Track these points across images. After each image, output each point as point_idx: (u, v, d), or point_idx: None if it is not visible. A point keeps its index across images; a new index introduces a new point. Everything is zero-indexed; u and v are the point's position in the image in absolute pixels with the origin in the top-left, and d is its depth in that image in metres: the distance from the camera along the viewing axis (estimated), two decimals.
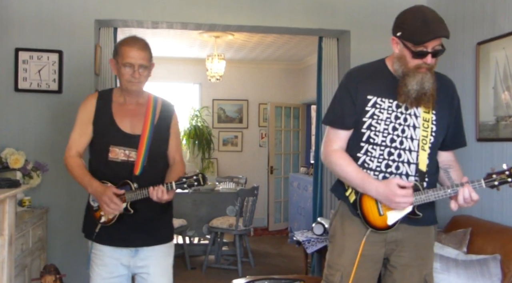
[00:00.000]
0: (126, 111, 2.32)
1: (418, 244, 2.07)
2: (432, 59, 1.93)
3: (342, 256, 2.07)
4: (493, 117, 3.36)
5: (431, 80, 1.95)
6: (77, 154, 2.33)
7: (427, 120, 2.01)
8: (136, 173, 2.24)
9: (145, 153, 2.26)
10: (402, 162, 2.00)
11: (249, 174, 7.62)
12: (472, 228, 3.18)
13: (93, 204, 2.34)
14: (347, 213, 2.09)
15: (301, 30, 4.36)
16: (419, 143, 2.00)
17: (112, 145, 2.26)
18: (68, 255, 3.80)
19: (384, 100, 2.02)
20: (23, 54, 3.76)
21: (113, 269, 2.31)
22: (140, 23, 4.13)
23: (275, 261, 5.84)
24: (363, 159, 2.04)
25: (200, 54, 7.31)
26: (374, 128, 2.01)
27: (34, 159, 3.63)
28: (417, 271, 2.06)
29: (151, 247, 2.32)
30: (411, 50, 1.92)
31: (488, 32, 3.43)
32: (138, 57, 2.21)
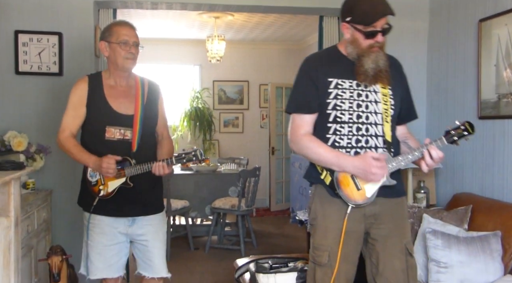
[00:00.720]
0: (118, 93, 2.48)
1: (394, 215, 2.17)
2: (382, 37, 2.09)
3: (326, 237, 2.14)
4: (495, 94, 3.35)
5: (384, 57, 2.11)
6: (71, 135, 2.49)
7: (385, 95, 2.15)
8: (134, 150, 2.44)
9: (139, 131, 2.46)
10: (370, 135, 2.12)
11: (251, 155, 7.64)
12: (473, 205, 3.20)
13: (91, 179, 2.52)
14: (325, 195, 2.16)
15: (301, 9, 4.33)
16: (382, 116, 2.13)
17: (108, 125, 2.43)
18: (72, 236, 3.83)
19: (344, 80, 2.13)
20: (23, 37, 3.74)
21: (112, 236, 2.52)
22: (139, 4, 4.09)
23: (277, 241, 5.89)
24: (333, 139, 2.13)
25: (200, 35, 7.26)
26: (339, 107, 2.11)
27: (36, 142, 3.64)
28: (398, 240, 2.15)
29: (147, 216, 2.55)
30: (363, 32, 2.06)
31: (490, 8, 3.40)
32: (131, 35, 2.44)
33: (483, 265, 2.76)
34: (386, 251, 2.15)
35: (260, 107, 8.26)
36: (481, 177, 3.51)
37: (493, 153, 3.38)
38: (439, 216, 3.22)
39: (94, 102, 2.45)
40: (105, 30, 2.48)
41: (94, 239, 2.52)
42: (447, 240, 2.87)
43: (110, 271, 2.56)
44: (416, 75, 4.24)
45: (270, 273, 2.90)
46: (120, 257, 2.58)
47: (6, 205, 2.44)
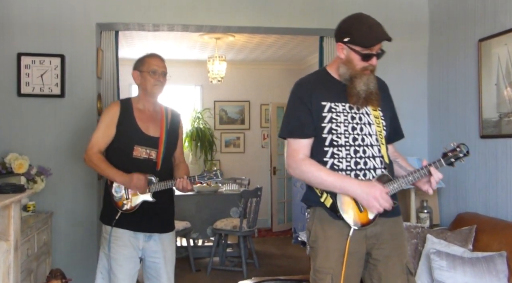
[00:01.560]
0: (146, 117, 2.77)
1: (394, 235, 2.16)
2: (376, 61, 2.12)
3: (329, 259, 2.11)
4: (496, 113, 3.35)
5: (374, 80, 2.14)
6: (99, 151, 2.72)
7: (377, 117, 2.18)
8: (158, 168, 2.72)
9: (163, 152, 2.75)
10: (368, 157, 2.13)
11: (252, 175, 7.61)
12: (477, 225, 3.17)
13: (115, 194, 2.72)
14: (325, 217, 2.14)
15: (301, 30, 4.37)
16: (377, 138, 2.15)
17: (136, 144, 2.70)
18: (73, 259, 3.81)
19: (337, 104, 2.15)
20: (25, 59, 3.77)
21: (132, 249, 2.70)
22: (141, 26, 4.13)
23: (280, 262, 5.83)
24: (332, 162, 2.12)
25: (201, 56, 7.32)
26: (335, 131, 2.12)
27: (37, 164, 3.64)
28: (398, 259, 2.14)
29: (162, 234, 2.78)
30: (360, 53, 2.09)
31: (489, 28, 3.43)
32: (160, 65, 2.76)
33: None
34: (388, 271, 2.12)
35: (261, 127, 8.26)
36: (484, 196, 3.49)
37: (496, 172, 3.36)
38: (443, 236, 3.19)
39: (124, 123, 2.72)
40: (138, 61, 2.80)
41: (116, 251, 2.68)
42: (452, 261, 2.84)
43: (132, 281, 2.73)
44: (417, 95, 4.25)
45: None
46: (136, 270, 2.76)
47: (6, 229, 2.42)
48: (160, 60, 2.78)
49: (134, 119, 2.74)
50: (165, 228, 2.81)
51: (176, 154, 2.90)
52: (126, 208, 2.69)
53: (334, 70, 2.22)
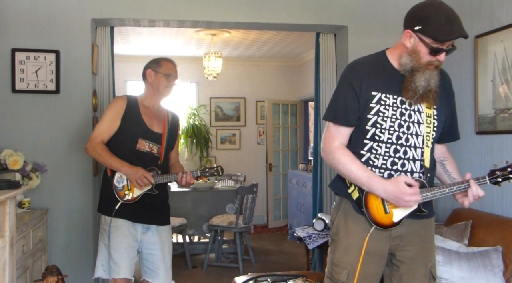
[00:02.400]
0: (151, 113, 2.92)
1: (421, 237, 2.07)
2: (444, 57, 1.92)
3: (347, 254, 2.05)
4: (492, 110, 3.36)
5: (437, 77, 1.94)
6: (102, 142, 2.80)
7: (429, 116, 2.00)
8: (161, 162, 2.87)
9: (166, 147, 2.90)
10: (408, 159, 1.99)
11: (248, 172, 7.62)
12: (473, 220, 3.19)
13: (117, 184, 2.80)
14: (350, 210, 2.06)
15: (298, 26, 4.36)
16: (423, 140, 1.99)
17: (141, 138, 2.81)
18: (69, 256, 3.79)
19: (388, 96, 1.98)
20: (20, 55, 3.74)
21: (132, 239, 2.78)
22: (136, 22, 4.11)
23: (276, 258, 5.84)
24: (368, 157, 2.01)
25: (197, 52, 7.30)
26: (380, 125, 1.98)
27: (32, 160, 3.61)
28: (423, 263, 2.06)
29: (159, 226, 2.87)
30: (430, 46, 1.89)
31: (486, 25, 3.43)
32: (175, 71, 2.99)
33: (484, 281, 2.73)
34: (410, 274, 2.05)
35: (257, 123, 8.26)
36: None
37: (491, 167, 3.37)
38: (439, 231, 3.20)
39: (130, 116, 2.83)
40: (154, 62, 2.96)
41: (116, 241, 2.75)
42: (448, 256, 2.85)
43: (131, 271, 2.77)
44: None
45: None
46: (135, 260, 2.82)
47: (1, 225, 2.41)
48: (175, 66, 2.99)
49: (140, 114, 2.86)
50: (162, 220, 2.91)
51: (172, 154, 3.04)
52: (127, 199, 2.78)
53: (395, 57, 2.02)
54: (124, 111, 2.84)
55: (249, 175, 7.49)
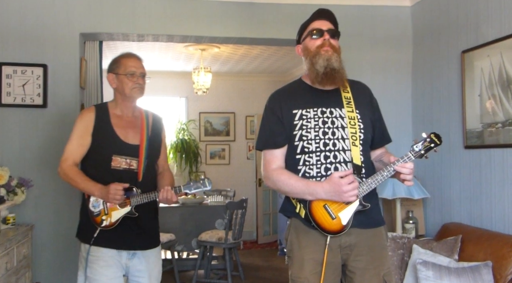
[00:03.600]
0: (124, 123, 2.52)
1: (371, 247, 2.11)
2: (332, 39, 2.13)
3: (303, 269, 2.09)
4: (479, 124, 3.39)
5: (338, 59, 2.10)
6: (74, 163, 2.47)
7: (352, 118, 2.11)
8: (140, 179, 2.46)
9: (145, 161, 2.49)
10: (339, 162, 2.08)
11: (237, 187, 7.58)
12: (463, 235, 3.18)
13: (93, 209, 2.46)
14: (300, 226, 2.12)
15: (287, 41, 4.36)
16: (349, 141, 2.09)
17: (115, 154, 2.44)
18: (54, 273, 3.72)
19: (308, 110, 2.12)
20: (7, 69, 3.70)
21: (116, 269, 2.45)
22: (125, 36, 4.10)
23: (265, 274, 5.78)
24: (303, 170, 2.10)
25: (186, 67, 7.30)
26: (305, 137, 2.09)
27: (18, 175, 3.56)
28: (375, 272, 2.09)
29: (146, 251, 2.53)
30: (309, 32, 2.15)
31: (472, 40, 3.47)
32: (138, 66, 2.50)
33: None
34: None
35: (247, 138, 8.25)
36: (469, 206, 3.51)
37: (480, 182, 3.39)
38: (429, 246, 3.19)
39: (101, 131, 2.47)
40: (113, 63, 2.53)
41: (97, 272, 2.42)
42: (438, 271, 2.84)
43: None
44: (401, 106, 4.28)
45: None
46: None
47: None
48: (137, 60, 2.51)
49: (111, 126, 2.48)
50: (149, 244, 2.56)
51: (160, 161, 2.66)
52: (105, 225, 2.43)
53: (307, 77, 2.20)
54: (94, 125, 2.47)
55: (239, 190, 7.45)
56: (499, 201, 3.22)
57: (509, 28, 3.13)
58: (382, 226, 2.18)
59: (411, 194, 3.67)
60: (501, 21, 3.21)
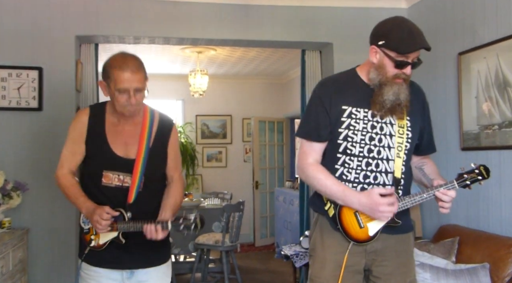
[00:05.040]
0: (120, 132, 2.14)
1: (398, 252, 2.06)
2: (410, 70, 1.96)
3: (324, 269, 2.05)
4: (476, 126, 3.39)
5: (406, 91, 1.97)
6: (70, 171, 2.17)
7: (402, 127, 2.02)
8: (130, 201, 2.09)
9: (140, 179, 2.11)
10: (380, 172, 2.00)
11: (234, 190, 7.55)
12: (460, 237, 3.18)
13: (83, 225, 2.20)
14: (326, 226, 2.07)
15: (283, 43, 4.38)
16: (395, 151, 2.01)
17: (106, 170, 2.10)
18: (50, 277, 3.69)
19: (359, 109, 2.01)
20: (2, 72, 3.69)
21: None
22: (121, 39, 4.09)
23: (262, 277, 5.76)
24: (341, 171, 2.02)
25: (183, 70, 7.29)
26: (351, 139, 2.00)
27: (13, 179, 3.53)
28: (401, 279, 2.04)
29: (149, 268, 2.18)
30: (394, 59, 1.93)
31: (468, 42, 3.48)
32: (132, 80, 2.00)
33: None
34: None
35: (243, 141, 8.23)
36: (466, 208, 3.50)
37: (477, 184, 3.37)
38: (426, 248, 3.18)
39: (93, 140, 2.12)
40: (104, 69, 2.07)
41: None
42: (436, 273, 2.83)
43: None
44: None
45: None
46: None
47: None
48: (131, 73, 2.00)
49: (104, 135, 2.12)
50: (151, 261, 2.18)
51: (168, 172, 2.25)
52: (93, 245, 2.13)
53: (365, 73, 2.05)
54: (87, 131, 2.11)
55: (236, 193, 7.43)
56: (496, 203, 3.21)
57: (506, 30, 3.13)
58: (410, 232, 2.13)
59: None
60: (497, 23, 3.21)
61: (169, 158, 2.24)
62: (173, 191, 2.23)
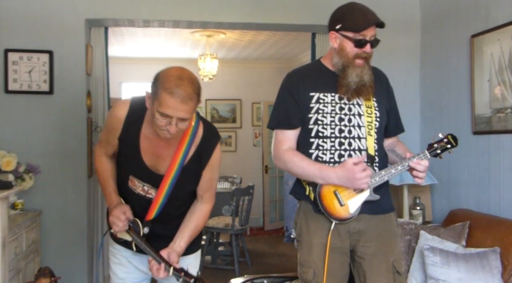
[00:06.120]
0: (155, 144, 1.93)
1: (381, 233, 2.11)
2: (370, 49, 2.05)
3: (311, 253, 2.10)
4: (488, 109, 3.35)
5: (369, 72, 2.07)
6: (106, 154, 2.08)
7: (369, 107, 2.10)
8: (150, 218, 1.97)
9: (164, 198, 1.95)
10: (353, 149, 2.07)
11: (244, 174, 7.58)
12: (470, 221, 3.16)
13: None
14: (309, 210, 2.12)
15: (293, 26, 4.34)
16: (365, 130, 2.08)
17: (133, 175, 1.98)
18: (62, 258, 3.75)
19: (326, 94, 2.09)
20: (13, 55, 3.70)
21: (130, 269, 2.10)
22: (131, 22, 4.08)
23: (272, 261, 5.80)
24: (316, 154, 2.09)
25: (192, 54, 7.27)
26: (321, 122, 2.07)
27: (26, 162, 3.57)
28: (384, 258, 2.09)
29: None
30: (353, 39, 2.03)
31: (481, 24, 3.42)
32: (179, 110, 1.73)
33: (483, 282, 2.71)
34: (372, 270, 2.08)
35: (253, 125, 8.23)
36: (477, 192, 3.48)
37: (489, 168, 3.36)
38: (436, 232, 3.18)
39: (125, 141, 1.95)
40: (154, 82, 1.81)
41: (111, 269, 2.15)
42: (446, 257, 2.83)
43: None
44: (409, 91, 4.24)
45: None
46: None
47: None
48: (180, 102, 1.72)
49: (137, 143, 1.94)
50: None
51: (199, 191, 2.03)
52: (114, 231, 2.03)
53: (328, 60, 2.16)
54: (122, 129, 1.93)
55: (245, 177, 7.45)
56: (507, 187, 3.19)
57: None
58: (392, 212, 2.18)
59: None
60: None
61: (203, 179, 2.01)
62: (199, 213, 2.04)
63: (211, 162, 1.99)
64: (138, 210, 1.99)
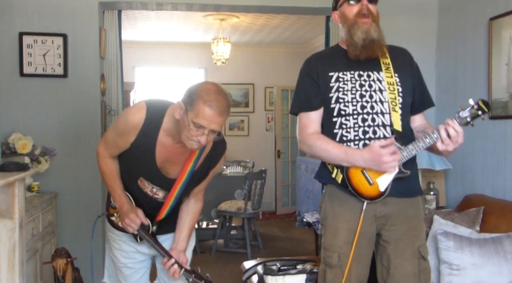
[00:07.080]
0: (170, 153, 2.02)
1: (407, 217, 2.08)
2: (371, 5, 2.05)
3: (336, 237, 2.08)
4: (506, 94, 3.29)
5: (377, 29, 2.04)
6: (110, 156, 2.13)
7: (391, 84, 2.06)
8: (160, 219, 2.13)
9: (175, 200, 2.12)
10: (378, 125, 2.04)
11: (256, 159, 7.59)
12: (485, 206, 3.14)
13: (113, 202, 2.22)
14: (336, 194, 2.11)
15: (308, 9, 4.29)
16: (389, 105, 2.04)
17: (143, 177, 2.08)
18: (78, 239, 3.80)
19: (345, 72, 2.08)
20: (27, 39, 3.71)
21: (131, 254, 2.24)
22: (144, 5, 4.07)
23: (284, 244, 5.84)
24: (340, 133, 2.07)
25: (205, 38, 7.24)
26: (342, 100, 2.06)
27: (41, 144, 3.61)
28: (410, 243, 2.07)
29: (169, 234, 2.23)
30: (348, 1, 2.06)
31: (501, 7, 3.35)
32: (214, 122, 1.84)
33: (496, 267, 2.69)
34: (397, 254, 2.07)
35: (266, 110, 8.22)
36: (492, 178, 3.45)
37: (505, 153, 3.32)
38: (450, 217, 3.16)
39: (139, 148, 1.99)
40: (189, 94, 1.89)
41: (113, 254, 2.29)
42: (459, 241, 2.81)
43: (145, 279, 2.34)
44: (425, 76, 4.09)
45: (278, 275, 2.86)
46: (140, 275, 2.30)
47: (11, 207, 2.41)
48: (217, 114, 1.82)
49: (153, 151, 1.99)
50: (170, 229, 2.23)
51: (195, 189, 2.21)
52: (114, 221, 2.20)
53: (344, 42, 2.15)
54: (137, 136, 1.97)
55: (258, 162, 7.47)
56: None
57: None
58: (419, 196, 2.14)
59: (432, 165, 3.63)
60: None
61: (204, 181, 2.21)
62: (195, 210, 2.24)
63: (215, 167, 2.18)
64: (145, 208, 2.13)
